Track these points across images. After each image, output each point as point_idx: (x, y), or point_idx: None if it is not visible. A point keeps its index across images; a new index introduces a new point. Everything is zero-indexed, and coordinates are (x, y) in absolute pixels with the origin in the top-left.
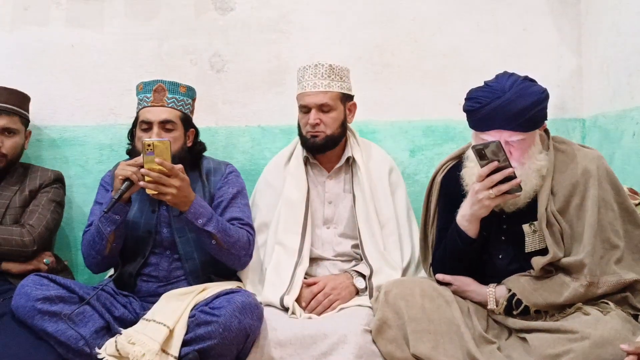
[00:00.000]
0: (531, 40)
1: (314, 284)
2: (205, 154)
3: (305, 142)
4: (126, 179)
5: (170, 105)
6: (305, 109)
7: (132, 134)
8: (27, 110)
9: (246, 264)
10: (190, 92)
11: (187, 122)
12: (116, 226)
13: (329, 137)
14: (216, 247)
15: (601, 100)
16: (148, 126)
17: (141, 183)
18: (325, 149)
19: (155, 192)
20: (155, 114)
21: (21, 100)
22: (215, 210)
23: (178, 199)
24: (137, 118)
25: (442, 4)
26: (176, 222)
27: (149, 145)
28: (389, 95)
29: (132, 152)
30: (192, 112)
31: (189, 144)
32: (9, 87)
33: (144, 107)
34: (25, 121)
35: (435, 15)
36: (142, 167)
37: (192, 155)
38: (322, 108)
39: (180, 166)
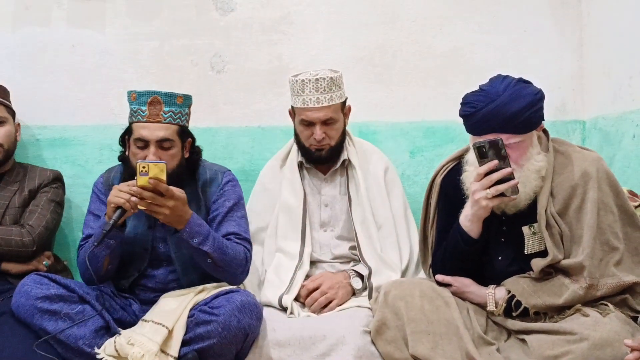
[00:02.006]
0: (532, 41)
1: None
2: (206, 155)
3: (308, 155)
4: (119, 206)
5: (167, 121)
6: (307, 123)
7: (124, 140)
8: (9, 102)
9: (242, 280)
10: (187, 101)
11: (184, 134)
12: (111, 250)
13: (333, 148)
14: (212, 265)
15: (602, 102)
16: (144, 144)
17: (132, 199)
18: (329, 160)
19: (147, 209)
20: (152, 131)
21: (3, 91)
22: (211, 224)
23: (171, 218)
24: (130, 129)
25: (443, 6)
26: (172, 238)
27: (143, 167)
28: (390, 96)
29: (124, 159)
30: (188, 120)
31: (186, 155)
32: None
33: (139, 121)
34: (11, 111)
35: (437, 16)
36: (135, 194)
37: (189, 165)
38: (327, 122)
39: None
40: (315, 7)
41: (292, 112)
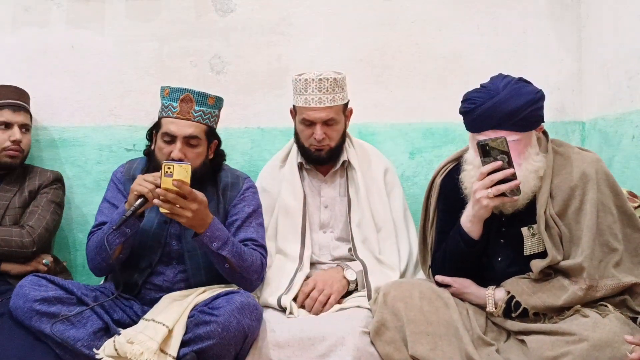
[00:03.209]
0: (531, 43)
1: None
2: None
3: (307, 155)
4: (141, 195)
5: (196, 120)
6: (308, 123)
7: (150, 135)
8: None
9: (256, 287)
10: (219, 103)
11: (211, 135)
12: (125, 238)
13: (333, 149)
14: (229, 270)
15: (601, 103)
16: (171, 139)
17: (155, 201)
18: (329, 161)
19: (169, 212)
20: (180, 127)
21: (29, 98)
22: (229, 228)
23: (193, 221)
24: (159, 124)
25: (443, 7)
26: (187, 237)
27: (169, 168)
28: (389, 97)
29: (149, 153)
30: (217, 122)
31: (211, 156)
32: (19, 87)
33: (169, 116)
34: (32, 118)
35: (436, 18)
36: (159, 186)
37: (212, 167)
38: (328, 122)
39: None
40: (315, 8)
41: (294, 112)
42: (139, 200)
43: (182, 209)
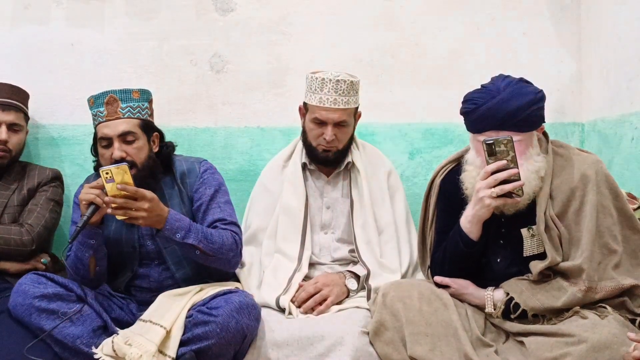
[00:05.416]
0: (531, 44)
1: None
2: (204, 155)
3: (314, 154)
4: (91, 202)
5: (126, 116)
6: (320, 122)
7: (95, 150)
8: (27, 107)
9: (237, 264)
10: (145, 95)
11: (148, 128)
12: (94, 250)
13: (341, 151)
14: (202, 256)
15: (600, 104)
16: (108, 142)
17: (108, 211)
18: (335, 162)
19: (125, 217)
20: (112, 127)
21: (25, 97)
22: (196, 214)
23: (150, 220)
24: (95, 134)
25: (443, 8)
26: (156, 237)
27: (106, 173)
28: (389, 97)
29: (99, 167)
30: (151, 115)
31: (156, 149)
32: (14, 84)
33: (100, 122)
34: (27, 118)
35: (436, 18)
36: (108, 205)
37: (162, 159)
38: (339, 124)
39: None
40: (315, 8)
41: (304, 109)
42: (90, 208)
43: (136, 211)
